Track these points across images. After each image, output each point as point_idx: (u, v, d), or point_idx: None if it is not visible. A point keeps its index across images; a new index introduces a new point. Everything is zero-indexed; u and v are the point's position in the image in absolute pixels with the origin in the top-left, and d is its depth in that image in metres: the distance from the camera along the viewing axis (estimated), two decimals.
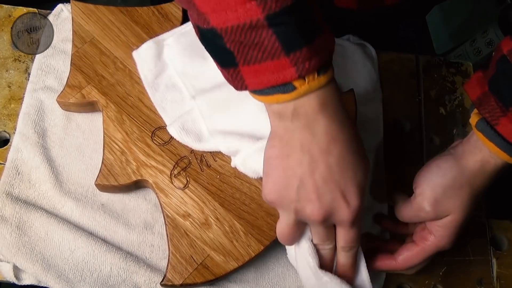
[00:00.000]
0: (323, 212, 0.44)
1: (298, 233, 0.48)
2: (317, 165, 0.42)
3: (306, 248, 0.48)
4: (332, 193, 0.43)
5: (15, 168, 0.57)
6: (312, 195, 0.43)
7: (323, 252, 0.49)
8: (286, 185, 0.44)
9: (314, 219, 0.44)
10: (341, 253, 0.49)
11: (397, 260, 0.53)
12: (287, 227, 0.47)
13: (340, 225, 0.46)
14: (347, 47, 0.70)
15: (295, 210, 0.45)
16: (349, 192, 0.44)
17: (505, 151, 0.47)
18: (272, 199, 0.45)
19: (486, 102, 0.48)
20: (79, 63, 0.59)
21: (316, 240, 0.48)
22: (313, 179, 0.43)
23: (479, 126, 0.48)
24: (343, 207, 0.44)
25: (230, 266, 0.53)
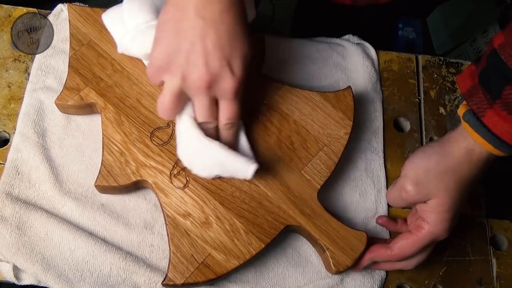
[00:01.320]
0: (209, 78, 0.45)
1: (179, 105, 0.49)
2: (209, 30, 0.44)
3: (191, 122, 0.50)
4: (219, 60, 0.45)
5: (15, 168, 0.57)
6: (200, 59, 0.45)
7: (207, 132, 0.51)
8: (176, 48, 0.45)
9: (200, 85, 0.46)
10: (224, 131, 0.51)
11: (393, 249, 0.54)
12: (171, 95, 0.48)
13: (223, 97, 0.47)
14: (347, 47, 0.70)
15: (182, 75, 0.46)
16: (235, 62, 0.46)
17: (490, 142, 0.48)
18: (160, 63, 0.46)
19: (475, 94, 0.49)
20: (76, 65, 0.59)
21: (200, 116, 0.49)
22: (204, 44, 0.44)
23: (466, 117, 0.49)
24: (228, 75, 0.46)
25: (231, 264, 0.53)
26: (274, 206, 0.55)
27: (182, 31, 0.45)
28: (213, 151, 0.51)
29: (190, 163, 0.54)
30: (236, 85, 0.46)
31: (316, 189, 0.57)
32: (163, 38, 0.46)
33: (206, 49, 0.44)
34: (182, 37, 0.45)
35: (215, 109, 0.49)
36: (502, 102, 0.46)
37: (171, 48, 0.46)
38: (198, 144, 0.51)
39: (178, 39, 0.45)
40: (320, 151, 0.58)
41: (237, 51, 0.46)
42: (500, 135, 0.47)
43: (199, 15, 0.44)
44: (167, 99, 0.48)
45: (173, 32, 0.45)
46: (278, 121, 0.59)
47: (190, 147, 0.52)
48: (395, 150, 0.65)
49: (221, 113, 0.49)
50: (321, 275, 0.58)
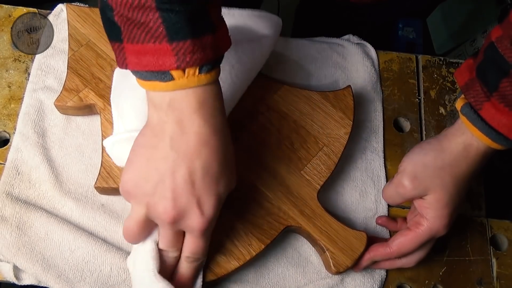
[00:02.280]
0: (175, 213, 0.42)
1: (145, 232, 0.47)
2: (181, 165, 0.41)
3: (150, 249, 0.47)
4: (188, 197, 0.42)
5: (15, 168, 0.57)
6: (168, 193, 0.42)
7: (166, 259, 0.48)
8: (145, 177, 0.43)
9: (165, 219, 0.43)
10: (184, 263, 0.48)
11: (391, 246, 0.54)
12: (136, 222, 0.45)
13: (189, 232, 0.45)
14: (347, 47, 0.70)
15: (148, 205, 0.43)
16: (206, 201, 0.43)
17: (487, 135, 0.48)
18: (128, 188, 0.44)
19: (472, 87, 0.49)
20: (75, 66, 0.59)
21: (163, 244, 0.47)
22: (174, 178, 0.42)
23: (463, 110, 0.49)
24: (196, 214, 0.43)
25: (232, 265, 0.53)
26: (274, 207, 0.55)
27: (154, 159, 0.42)
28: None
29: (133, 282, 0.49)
30: (204, 224, 0.43)
31: (316, 189, 0.57)
32: (135, 162, 0.43)
33: (175, 184, 0.41)
34: (153, 166, 0.42)
35: (179, 240, 0.47)
36: (499, 95, 0.46)
37: (140, 175, 0.43)
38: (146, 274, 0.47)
39: (148, 167, 0.42)
40: (320, 151, 0.58)
41: (210, 190, 0.42)
42: (497, 127, 0.47)
43: (173, 147, 0.41)
44: (131, 226, 0.46)
45: (144, 159, 0.43)
46: (277, 121, 0.59)
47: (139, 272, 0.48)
48: (395, 150, 0.65)
49: (186, 244, 0.47)
50: (321, 275, 0.58)
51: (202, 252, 0.47)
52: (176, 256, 0.48)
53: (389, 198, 0.56)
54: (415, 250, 0.54)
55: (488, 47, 0.47)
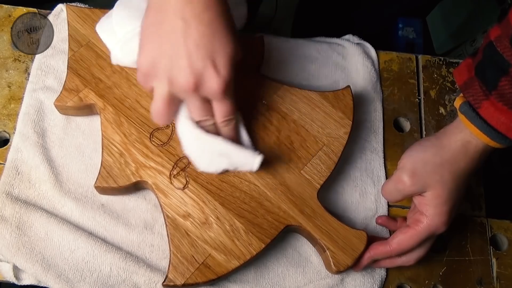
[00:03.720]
0: (194, 79, 0.44)
1: (172, 110, 0.49)
2: (190, 31, 0.43)
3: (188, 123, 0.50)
4: (203, 60, 0.44)
5: (15, 168, 0.57)
6: (184, 61, 0.44)
7: (207, 129, 0.51)
8: (159, 52, 0.44)
9: (187, 87, 0.45)
10: (222, 129, 0.51)
11: (391, 244, 0.54)
12: (161, 101, 0.47)
13: (212, 97, 0.47)
14: (347, 47, 0.70)
15: (169, 79, 0.45)
16: (219, 61, 0.45)
17: (486, 134, 0.49)
18: (147, 70, 0.46)
19: (471, 86, 0.49)
20: (75, 66, 0.59)
21: (195, 115, 0.49)
22: (186, 45, 0.43)
23: (462, 109, 0.50)
24: (213, 76, 0.44)
25: (232, 264, 0.53)
26: (274, 206, 0.55)
27: (164, 34, 0.44)
28: (218, 145, 0.51)
29: (196, 161, 0.54)
30: (222, 84, 0.45)
31: (316, 188, 0.57)
32: (146, 43, 0.45)
33: (189, 50, 0.43)
34: (164, 40, 0.44)
35: (208, 107, 0.49)
36: (498, 93, 0.46)
37: (154, 53, 0.45)
38: (201, 141, 0.51)
39: (160, 43, 0.44)
40: (319, 151, 0.58)
41: (221, 49, 0.44)
42: (496, 126, 0.47)
43: (178, 16, 0.43)
44: (158, 105, 0.47)
45: (155, 36, 0.44)
46: (277, 121, 0.59)
47: (194, 146, 0.52)
48: (395, 150, 0.65)
49: (215, 111, 0.49)
50: (321, 275, 0.58)
51: (231, 112, 0.49)
52: (212, 123, 0.50)
53: (388, 195, 0.56)
54: (415, 248, 0.54)
55: (487, 46, 0.48)
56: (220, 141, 0.51)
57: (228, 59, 0.45)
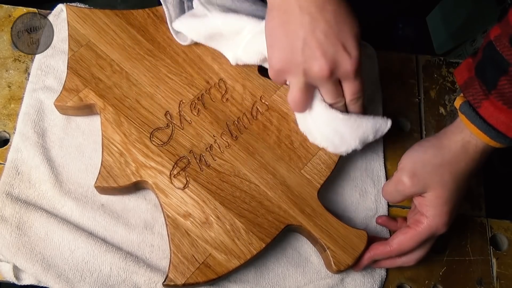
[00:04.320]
0: (329, 66, 0.47)
1: (310, 98, 0.53)
2: (317, 22, 0.46)
3: (324, 106, 0.53)
4: (334, 46, 0.47)
5: (15, 168, 0.57)
6: (316, 52, 0.47)
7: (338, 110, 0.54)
8: (291, 49, 0.47)
9: (323, 75, 0.48)
10: (351, 106, 0.54)
11: (392, 244, 0.54)
12: (299, 91, 0.51)
13: (345, 78, 0.50)
14: None
15: (304, 71, 0.48)
16: (348, 44, 0.48)
17: (486, 133, 0.49)
18: (281, 67, 0.49)
19: (471, 86, 0.49)
20: (75, 66, 0.59)
21: (329, 98, 0.52)
22: (315, 37, 0.46)
23: (462, 108, 0.50)
24: (346, 58, 0.48)
25: (232, 264, 0.53)
26: (275, 206, 0.56)
27: (292, 31, 0.47)
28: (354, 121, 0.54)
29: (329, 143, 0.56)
30: (355, 65, 0.48)
31: (316, 188, 0.57)
32: (276, 43, 0.49)
33: (319, 40, 0.46)
34: (293, 37, 0.47)
35: (340, 88, 0.51)
36: (498, 93, 0.46)
37: (286, 51, 0.48)
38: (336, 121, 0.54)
39: (290, 40, 0.47)
40: (320, 150, 0.58)
41: (348, 32, 0.47)
42: (496, 125, 0.47)
43: (304, 11, 0.46)
44: (297, 96, 0.51)
45: (283, 35, 0.48)
46: (277, 120, 0.59)
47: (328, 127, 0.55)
48: (395, 150, 0.65)
49: (346, 90, 0.51)
50: (321, 275, 0.58)
51: (361, 89, 0.51)
52: (343, 103, 0.53)
53: (388, 196, 0.56)
54: (415, 248, 0.54)
55: (486, 46, 0.48)
56: (354, 117, 0.54)
57: (355, 39, 0.48)
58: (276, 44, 0.49)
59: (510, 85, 0.45)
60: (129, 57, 0.60)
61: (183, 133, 0.57)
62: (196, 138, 0.57)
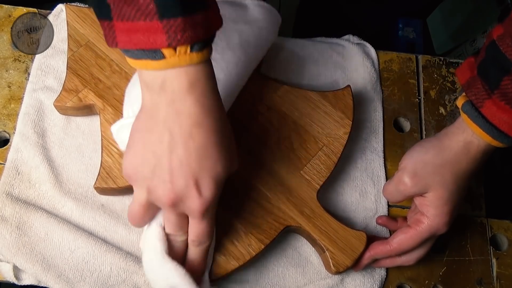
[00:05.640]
0: (174, 196, 0.42)
1: (149, 215, 0.47)
2: (176, 146, 0.41)
3: (156, 232, 0.47)
4: (186, 178, 0.42)
5: (15, 168, 0.57)
6: (166, 175, 0.42)
7: (175, 244, 0.48)
8: (143, 161, 0.43)
9: (165, 202, 0.43)
10: (191, 247, 0.48)
11: (392, 244, 0.54)
12: (138, 206, 0.46)
13: (190, 215, 0.45)
14: (347, 47, 0.70)
15: (148, 189, 0.43)
16: (203, 182, 0.42)
17: (488, 133, 0.48)
18: (128, 173, 0.44)
19: (473, 85, 0.49)
20: (75, 66, 0.59)
21: (168, 228, 0.47)
22: (170, 160, 0.41)
23: (464, 108, 0.50)
24: (194, 195, 0.43)
25: (231, 265, 0.53)
26: (274, 207, 0.55)
27: (150, 142, 0.42)
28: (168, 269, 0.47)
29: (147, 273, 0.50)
30: (203, 206, 0.43)
31: (315, 189, 0.57)
32: (133, 147, 0.44)
33: (172, 166, 0.41)
34: (149, 149, 0.42)
35: (185, 223, 0.47)
36: (500, 93, 0.46)
37: (138, 159, 0.43)
38: (155, 258, 0.48)
39: (145, 150, 0.42)
40: (319, 151, 0.58)
41: (207, 171, 0.42)
42: (498, 125, 0.47)
43: (166, 128, 0.41)
44: (135, 209, 0.46)
45: (141, 143, 0.43)
46: (277, 121, 0.59)
47: (148, 259, 0.49)
48: (395, 150, 0.65)
49: (190, 228, 0.47)
50: (321, 275, 0.58)
51: (206, 235, 0.47)
52: (184, 240, 0.48)
53: (389, 196, 0.56)
54: (415, 248, 0.54)
55: (489, 46, 0.48)
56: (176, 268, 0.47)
57: (213, 180, 0.43)
58: (132, 148, 0.44)
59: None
60: None
61: None
62: None
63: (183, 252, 0.49)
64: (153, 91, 0.41)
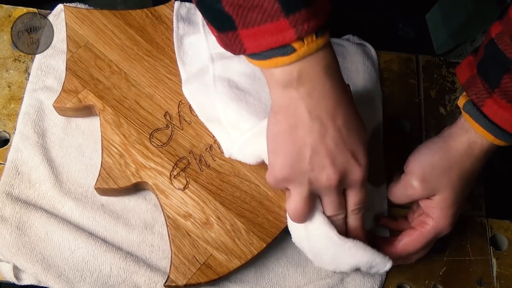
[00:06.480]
0: (339, 175, 0.45)
1: (311, 207, 0.48)
2: (327, 129, 0.43)
3: (322, 220, 0.49)
4: (344, 155, 0.44)
5: (15, 168, 0.57)
6: (326, 160, 0.44)
7: (336, 223, 0.50)
8: (298, 157, 0.44)
9: (330, 185, 0.45)
10: (351, 216, 0.50)
11: (397, 246, 0.54)
12: (302, 201, 0.47)
13: (352, 186, 0.47)
14: (347, 47, 0.70)
15: (309, 181, 0.45)
16: (358, 152, 0.45)
17: (490, 132, 0.48)
18: (284, 175, 0.45)
19: (474, 84, 0.49)
20: (74, 67, 0.59)
21: (330, 211, 0.49)
22: (325, 144, 0.43)
23: (466, 108, 0.50)
24: (355, 167, 0.45)
25: (233, 264, 0.53)
26: (275, 206, 0.55)
27: (300, 137, 0.43)
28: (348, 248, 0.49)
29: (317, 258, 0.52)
30: (364, 173, 0.46)
31: None
32: (281, 149, 0.45)
33: (329, 149, 0.43)
34: (301, 143, 0.43)
35: (343, 200, 0.48)
36: (501, 91, 0.46)
37: (292, 158, 0.44)
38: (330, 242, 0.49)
39: (297, 147, 0.44)
40: None
41: (357, 140, 0.45)
42: (500, 123, 0.47)
43: (314, 117, 0.43)
44: (299, 206, 0.47)
45: (290, 141, 0.44)
46: None
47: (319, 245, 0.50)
48: (395, 150, 0.65)
49: (350, 201, 0.48)
50: (321, 275, 0.58)
51: (365, 200, 0.49)
52: (343, 216, 0.50)
53: (396, 198, 0.56)
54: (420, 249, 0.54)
55: (488, 44, 0.47)
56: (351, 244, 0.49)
57: (364, 146, 0.45)
58: (281, 151, 0.45)
59: None
60: (128, 57, 0.60)
61: (182, 134, 0.57)
62: (196, 138, 0.57)
63: (344, 227, 0.51)
64: (290, 86, 0.42)
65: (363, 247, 0.50)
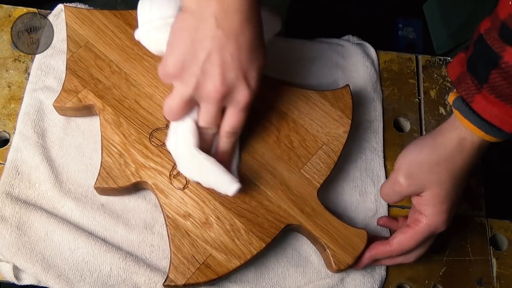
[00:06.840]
0: (224, 89, 0.45)
1: (186, 110, 0.49)
2: (228, 42, 0.44)
3: (190, 127, 0.50)
4: (236, 72, 0.45)
5: (15, 168, 0.57)
6: (217, 70, 0.44)
7: (206, 137, 0.51)
8: (192, 57, 0.45)
9: (213, 96, 0.46)
10: (223, 138, 0.51)
11: (392, 244, 0.54)
12: (180, 101, 0.48)
13: (233, 106, 0.47)
14: (347, 47, 0.70)
15: (196, 84, 0.46)
16: (251, 74, 0.46)
17: (480, 128, 0.48)
18: (173, 71, 0.46)
19: (463, 80, 0.49)
20: (74, 67, 0.59)
21: (204, 122, 0.49)
22: (221, 55, 0.44)
23: (455, 104, 0.50)
24: (243, 87, 0.46)
25: (233, 264, 0.53)
26: (274, 205, 0.56)
27: (199, 40, 0.44)
28: (204, 160, 0.50)
29: (177, 160, 0.53)
30: (250, 97, 0.46)
31: (316, 187, 0.57)
32: (178, 45, 0.46)
33: (224, 60, 0.44)
34: (198, 46, 0.44)
35: (220, 117, 0.49)
36: (490, 86, 0.46)
37: (185, 56, 0.45)
38: (187, 150, 0.51)
39: (194, 48, 0.44)
40: (319, 150, 0.58)
41: (254, 63, 0.46)
42: (489, 119, 0.47)
43: (219, 26, 0.43)
44: (175, 103, 0.48)
45: (188, 41, 0.45)
46: (276, 120, 0.59)
47: (180, 147, 0.52)
48: (395, 150, 0.65)
49: (226, 120, 0.49)
50: (321, 275, 0.58)
51: (241, 126, 0.49)
52: (214, 133, 0.51)
53: (386, 196, 0.56)
54: (415, 247, 0.54)
55: (477, 40, 0.48)
56: (208, 159, 0.50)
57: (258, 72, 0.46)
58: (177, 47, 0.46)
59: (501, 78, 0.45)
60: (128, 57, 0.60)
61: None
62: None
63: (211, 143, 0.52)
64: None
65: (215, 165, 0.50)
